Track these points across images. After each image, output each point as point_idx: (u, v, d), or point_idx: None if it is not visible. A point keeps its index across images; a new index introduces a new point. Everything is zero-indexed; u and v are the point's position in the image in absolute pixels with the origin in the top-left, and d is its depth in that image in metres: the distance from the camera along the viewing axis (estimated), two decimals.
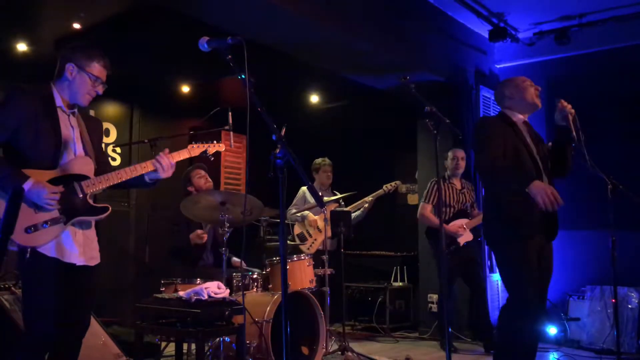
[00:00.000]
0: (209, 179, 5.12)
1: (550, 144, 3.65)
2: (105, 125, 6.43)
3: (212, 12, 4.58)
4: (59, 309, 2.72)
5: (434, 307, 6.30)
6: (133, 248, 6.48)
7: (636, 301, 5.62)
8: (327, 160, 6.10)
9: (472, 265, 5.66)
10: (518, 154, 3.42)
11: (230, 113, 4.54)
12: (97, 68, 2.91)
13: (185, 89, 6.97)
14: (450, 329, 4.57)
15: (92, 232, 2.94)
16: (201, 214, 4.45)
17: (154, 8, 4.83)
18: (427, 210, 5.74)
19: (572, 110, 3.41)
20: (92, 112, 6.26)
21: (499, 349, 3.53)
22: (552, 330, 5.77)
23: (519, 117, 3.58)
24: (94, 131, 3.02)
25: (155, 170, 2.98)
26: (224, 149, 3.52)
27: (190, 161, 6.49)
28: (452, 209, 5.67)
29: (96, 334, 4.20)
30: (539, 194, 3.14)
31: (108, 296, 5.98)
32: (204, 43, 2.50)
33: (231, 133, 4.58)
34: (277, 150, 2.25)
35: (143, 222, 6.34)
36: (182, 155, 3.23)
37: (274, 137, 2.26)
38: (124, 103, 6.62)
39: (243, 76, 2.37)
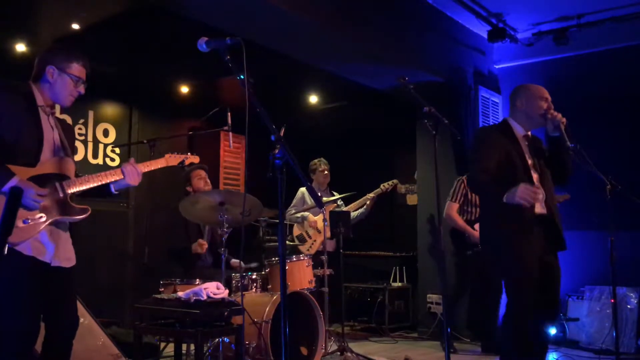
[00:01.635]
0: (209, 182, 5.08)
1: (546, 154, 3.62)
2: (104, 125, 6.44)
3: (210, 13, 4.58)
4: (36, 307, 2.70)
5: (433, 308, 6.30)
6: (132, 249, 6.48)
7: (635, 301, 5.63)
8: (323, 160, 6.09)
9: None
10: (513, 167, 3.39)
11: (229, 113, 4.54)
12: (77, 68, 2.90)
13: (185, 89, 6.97)
14: (449, 330, 4.56)
15: (67, 234, 2.90)
16: (200, 215, 4.44)
17: (153, 9, 4.83)
18: (453, 210, 5.55)
19: (564, 119, 3.37)
20: (91, 112, 6.28)
21: (504, 356, 3.51)
22: (551, 330, 5.77)
23: (521, 129, 3.54)
24: (68, 136, 3.00)
25: (123, 178, 2.98)
26: (198, 161, 3.58)
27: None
28: (479, 210, 5.56)
29: (95, 335, 4.20)
30: (516, 196, 3.13)
31: (107, 297, 5.98)
32: (202, 43, 2.50)
33: (230, 133, 4.58)
34: (276, 151, 2.25)
35: (142, 223, 6.33)
36: (159, 163, 3.25)
37: (272, 138, 2.26)
38: (123, 103, 6.62)
39: (242, 76, 2.37)
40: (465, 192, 5.60)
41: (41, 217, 2.71)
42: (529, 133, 3.58)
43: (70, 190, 2.82)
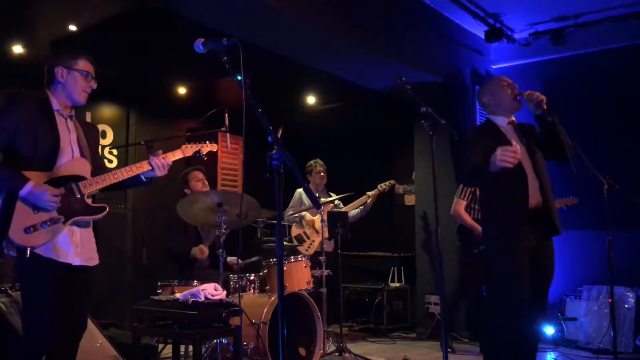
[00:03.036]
0: (206, 183, 5.08)
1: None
2: (102, 127, 6.43)
3: (208, 14, 4.58)
4: (57, 309, 2.73)
5: (431, 308, 6.30)
6: (130, 250, 6.47)
7: (632, 301, 5.63)
8: (319, 161, 6.08)
9: None
10: None
11: (226, 114, 4.53)
12: (83, 63, 2.99)
13: (182, 90, 6.97)
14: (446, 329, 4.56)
15: (89, 232, 2.97)
16: (197, 215, 4.43)
17: (150, 10, 4.82)
18: (461, 207, 5.48)
19: (541, 96, 3.39)
20: (88, 114, 6.27)
21: (492, 352, 3.50)
22: (549, 330, 5.78)
23: (503, 120, 3.56)
24: (90, 136, 3.09)
25: (151, 170, 3.07)
26: (216, 149, 3.57)
27: (188, 162, 6.52)
28: None
29: (93, 337, 4.19)
30: (496, 161, 3.12)
31: (105, 298, 5.97)
32: (199, 45, 2.50)
33: (228, 134, 4.57)
34: (273, 152, 2.25)
35: (140, 224, 6.33)
36: (176, 155, 3.30)
37: (269, 139, 2.27)
38: (120, 105, 6.62)
39: (239, 77, 2.37)
40: (474, 190, 5.59)
41: (59, 219, 2.77)
42: (514, 119, 3.59)
43: (87, 191, 2.89)
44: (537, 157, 3.49)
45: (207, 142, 3.52)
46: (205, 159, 3.53)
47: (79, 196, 2.85)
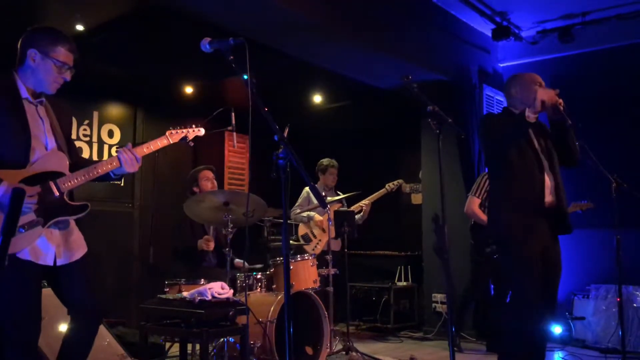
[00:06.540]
0: (215, 183, 5.08)
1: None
2: (109, 126, 6.45)
3: (215, 13, 4.59)
4: (37, 311, 2.59)
5: (438, 307, 6.29)
6: (137, 249, 6.50)
7: None
8: (334, 162, 6.05)
9: None
10: (521, 150, 3.41)
11: (233, 114, 4.53)
12: (62, 52, 2.69)
13: (189, 90, 6.98)
14: (454, 329, 4.55)
15: (69, 228, 2.75)
16: (204, 214, 4.44)
17: (157, 10, 4.83)
18: (475, 204, 5.34)
19: (560, 100, 3.38)
20: (96, 113, 6.29)
21: (504, 350, 3.51)
22: (557, 329, 5.76)
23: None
24: (63, 117, 2.82)
25: (120, 166, 2.80)
26: (203, 134, 3.23)
27: (195, 161, 6.53)
28: None
29: (101, 335, 4.20)
30: (540, 97, 3.26)
31: (112, 297, 6.00)
32: (206, 44, 2.50)
33: (234, 133, 4.58)
34: (280, 151, 2.25)
35: (147, 223, 6.34)
36: (161, 143, 3.01)
37: (275, 138, 2.27)
38: (127, 104, 6.64)
39: (245, 77, 2.38)
40: (488, 189, 5.54)
41: (38, 221, 2.56)
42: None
43: (66, 188, 2.67)
44: (554, 157, 3.49)
45: (193, 126, 3.16)
46: (192, 144, 3.28)
47: (57, 195, 2.61)
